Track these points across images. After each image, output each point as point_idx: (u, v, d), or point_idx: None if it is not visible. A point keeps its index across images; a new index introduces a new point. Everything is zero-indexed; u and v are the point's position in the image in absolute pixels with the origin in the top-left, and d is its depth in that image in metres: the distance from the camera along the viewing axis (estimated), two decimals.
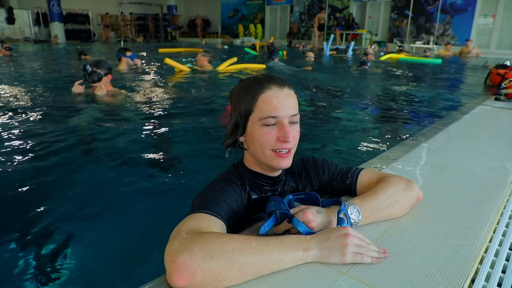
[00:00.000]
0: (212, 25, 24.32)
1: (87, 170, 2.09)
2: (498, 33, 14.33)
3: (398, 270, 0.92)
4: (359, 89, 5.54)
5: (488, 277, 0.93)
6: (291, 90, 1.10)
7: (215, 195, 1.04)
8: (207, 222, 0.93)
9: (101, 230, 1.49)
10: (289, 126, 1.06)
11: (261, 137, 1.07)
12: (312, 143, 2.67)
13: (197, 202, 1.03)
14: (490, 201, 1.33)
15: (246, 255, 0.83)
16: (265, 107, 1.05)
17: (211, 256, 0.79)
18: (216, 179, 1.15)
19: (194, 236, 0.84)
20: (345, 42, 16.92)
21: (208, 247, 0.80)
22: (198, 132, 2.89)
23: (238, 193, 1.11)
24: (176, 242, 0.82)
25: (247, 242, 0.85)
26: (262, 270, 0.85)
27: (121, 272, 1.24)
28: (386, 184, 1.16)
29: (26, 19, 18.66)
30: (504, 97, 3.55)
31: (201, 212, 0.96)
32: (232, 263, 0.81)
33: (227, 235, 0.87)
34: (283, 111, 1.05)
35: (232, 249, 0.82)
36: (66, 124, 2.86)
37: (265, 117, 1.05)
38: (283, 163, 1.10)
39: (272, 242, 0.87)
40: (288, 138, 1.04)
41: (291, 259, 0.89)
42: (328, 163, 1.30)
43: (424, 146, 2.00)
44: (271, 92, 1.06)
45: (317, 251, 0.91)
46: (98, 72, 3.47)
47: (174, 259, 0.78)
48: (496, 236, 1.11)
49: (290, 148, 1.08)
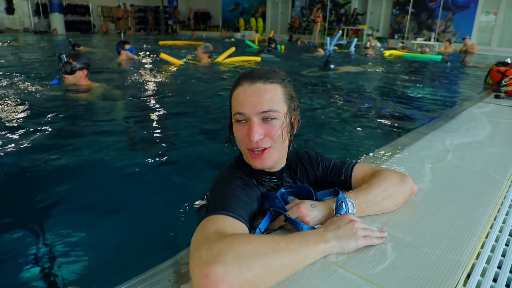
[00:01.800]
0: (213, 18, 24.20)
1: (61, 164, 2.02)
2: (500, 30, 14.29)
3: (394, 264, 0.92)
4: (357, 84, 5.52)
5: (484, 272, 0.93)
6: (268, 84, 1.02)
7: (236, 195, 0.99)
8: (231, 225, 0.87)
9: (95, 225, 1.48)
10: (257, 124, 1.00)
11: (236, 134, 1.07)
12: (307, 137, 2.66)
13: (215, 201, 0.97)
14: (487, 197, 1.33)
15: (279, 258, 0.79)
16: (234, 104, 1.05)
17: (246, 266, 0.73)
18: (227, 176, 1.11)
19: (223, 242, 0.77)
20: (346, 38, 16.86)
21: (241, 255, 0.74)
22: (191, 126, 2.87)
23: (257, 189, 1.10)
24: (203, 251, 0.76)
25: (276, 243, 0.81)
26: (291, 270, 0.83)
27: (120, 263, 1.24)
28: (380, 178, 1.16)
29: (25, 10, 18.55)
30: (504, 95, 3.54)
31: (223, 214, 0.90)
32: (267, 269, 0.77)
33: (255, 237, 0.83)
34: (249, 108, 1.00)
35: (265, 254, 0.77)
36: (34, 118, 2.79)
37: (234, 113, 1.04)
38: (257, 163, 1.06)
39: (297, 239, 0.86)
40: (251, 136, 0.99)
41: (315, 254, 0.88)
42: (322, 157, 1.30)
43: (423, 142, 1.99)
44: (241, 88, 1.04)
45: (335, 242, 0.91)
46: (73, 64, 3.30)
47: (207, 272, 0.71)
48: (492, 232, 1.11)
49: (264, 147, 1.04)
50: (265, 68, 1.09)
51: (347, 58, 9.76)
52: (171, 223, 1.43)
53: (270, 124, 1.02)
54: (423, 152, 1.82)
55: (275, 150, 1.06)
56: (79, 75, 3.39)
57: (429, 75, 6.97)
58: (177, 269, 0.91)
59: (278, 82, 1.05)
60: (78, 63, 3.36)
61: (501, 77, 4.16)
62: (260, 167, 1.08)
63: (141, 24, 22.30)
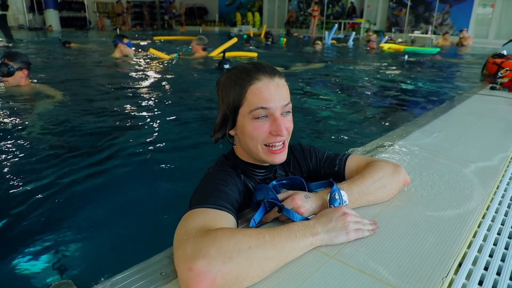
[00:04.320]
0: (210, 13, 24.06)
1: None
2: (497, 23, 14.27)
3: (386, 254, 0.92)
4: (353, 77, 5.51)
5: (476, 261, 0.93)
6: (282, 79, 1.05)
7: (216, 188, 0.98)
8: (213, 217, 0.87)
9: (91, 220, 1.48)
10: (281, 119, 1.02)
11: (253, 131, 1.02)
12: (303, 131, 2.66)
13: (196, 198, 0.96)
14: (481, 187, 1.34)
15: (263, 250, 0.79)
16: (255, 99, 1.00)
17: (229, 258, 0.74)
18: (209, 172, 1.11)
19: (206, 236, 0.78)
20: (343, 31, 16.82)
21: (224, 247, 0.75)
22: (183, 120, 2.87)
23: (238, 181, 1.08)
24: (187, 246, 0.76)
25: (261, 236, 0.81)
26: (278, 264, 0.83)
27: (114, 257, 1.24)
28: (374, 168, 1.16)
29: (20, 6, 18.34)
30: (500, 86, 3.54)
31: (204, 207, 0.90)
32: (251, 261, 0.77)
33: (239, 231, 0.83)
34: (275, 102, 1.00)
35: (249, 246, 0.78)
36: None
37: (255, 108, 0.99)
38: (278, 158, 1.07)
39: (283, 232, 0.85)
40: (281, 131, 1.01)
41: (302, 247, 0.88)
42: (315, 149, 1.29)
43: (418, 134, 1.99)
44: (261, 84, 1.00)
45: (324, 235, 0.91)
46: (10, 65, 3.04)
47: (191, 266, 0.72)
48: (485, 221, 1.11)
49: (283, 140, 1.05)
50: (266, 63, 1.09)
51: (345, 52, 9.74)
52: (165, 217, 1.43)
53: (287, 117, 1.05)
54: (418, 143, 1.82)
55: (288, 143, 1.09)
56: (19, 76, 3.15)
57: (425, 68, 6.96)
58: (171, 262, 0.90)
59: (284, 77, 1.08)
60: (16, 63, 3.11)
61: (497, 69, 4.16)
62: (280, 162, 1.08)
63: (137, 19, 22.15)
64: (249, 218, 1.02)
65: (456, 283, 0.84)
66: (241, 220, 1.06)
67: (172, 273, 0.85)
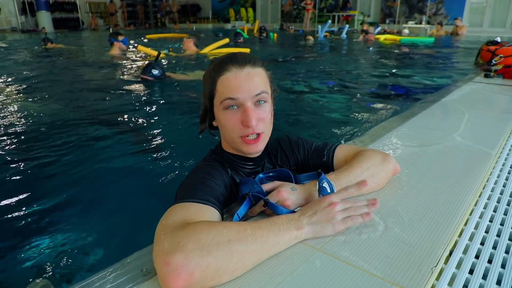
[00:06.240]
0: (203, 10, 23.92)
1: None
2: (491, 11, 14.23)
3: (374, 245, 0.89)
4: (346, 68, 5.48)
5: (467, 249, 0.91)
6: (256, 68, 1.01)
7: (201, 182, 0.96)
8: (195, 211, 0.85)
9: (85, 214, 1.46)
10: (252, 109, 0.97)
11: (226, 122, 1.00)
12: (292, 123, 2.64)
13: (180, 192, 0.95)
14: (473, 174, 1.31)
15: (244, 244, 0.76)
16: (224, 90, 0.98)
17: (208, 251, 0.72)
18: (196, 167, 1.09)
19: (185, 230, 0.76)
20: (337, 24, 16.76)
21: (203, 241, 0.73)
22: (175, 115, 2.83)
23: (224, 175, 1.06)
24: (165, 241, 0.74)
25: (242, 229, 0.79)
26: (260, 257, 0.80)
27: (96, 254, 1.22)
28: (362, 158, 1.13)
29: (11, 8, 18.23)
30: (494, 73, 3.51)
31: (187, 202, 0.88)
32: (231, 254, 0.74)
33: (219, 224, 0.80)
34: (244, 92, 0.97)
35: (229, 240, 0.75)
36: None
37: (224, 99, 0.98)
38: (253, 149, 1.03)
39: (266, 226, 0.83)
40: (249, 122, 0.96)
41: (286, 241, 0.85)
42: (303, 141, 1.26)
43: (410, 123, 1.97)
44: (229, 74, 0.98)
45: (309, 228, 0.88)
46: None
47: (167, 260, 0.70)
48: (477, 209, 1.09)
49: (258, 132, 1.01)
50: (243, 53, 1.06)
51: (339, 44, 9.70)
52: (148, 213, 1.41)
53: (262, 108, 1.01)
54: (410, 132, 1.80)
55: (266, 134, 1.05)
56: None
57: (419, 58, 6.94)
58: (152, 259, 0.88)
59: (260, 66, 1.04)
60: None
61: (491, 56, 4.13)
62: (255, 152, 1.05)
63: (131, 18, 22.01)
64: (232, 213, 0.99)
65: (445, 272, 0.81)
66: (227, 214, 1.03)
67: (153, 270, 0.82)
